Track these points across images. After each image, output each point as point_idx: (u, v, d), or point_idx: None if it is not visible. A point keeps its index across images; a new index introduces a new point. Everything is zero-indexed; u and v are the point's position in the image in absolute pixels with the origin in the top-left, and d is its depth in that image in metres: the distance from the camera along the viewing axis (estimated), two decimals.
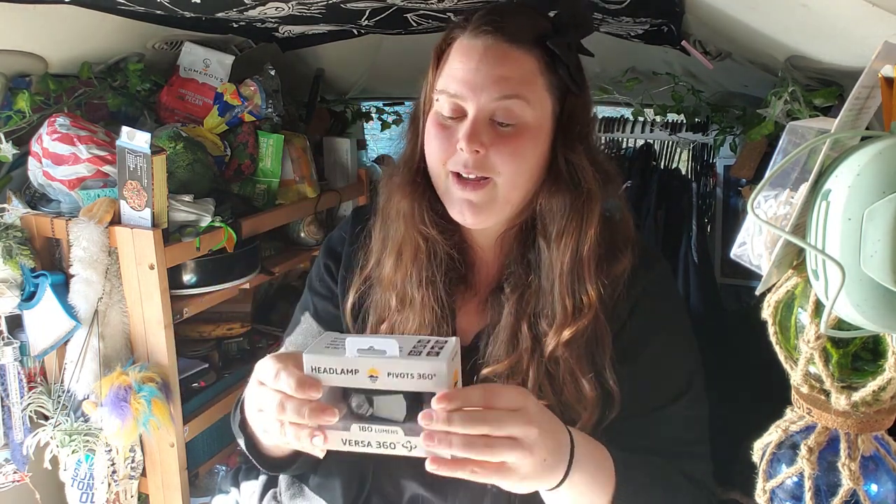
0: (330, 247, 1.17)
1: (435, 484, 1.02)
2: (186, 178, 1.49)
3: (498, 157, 0.93)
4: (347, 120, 2.37)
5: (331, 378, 0.73)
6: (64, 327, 1.38)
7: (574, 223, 0.96)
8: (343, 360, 0.72)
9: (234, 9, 1.31)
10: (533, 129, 0.95)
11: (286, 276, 2.08)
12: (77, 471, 1.43)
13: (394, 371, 0.71)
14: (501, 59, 0.93)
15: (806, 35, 0.98)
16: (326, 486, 1.08)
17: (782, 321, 0.69)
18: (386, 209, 1.06)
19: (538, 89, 0.95)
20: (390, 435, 0.74)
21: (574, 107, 0.98)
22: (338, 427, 0.75)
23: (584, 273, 0.96)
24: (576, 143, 0.97)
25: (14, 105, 1.41)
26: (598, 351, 0.98)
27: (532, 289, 0.99)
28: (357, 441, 0.75)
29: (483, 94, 0.92)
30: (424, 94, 1.02)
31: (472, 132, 0.92)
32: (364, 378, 0.72)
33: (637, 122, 2.13)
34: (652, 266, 1.04)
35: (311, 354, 0.74)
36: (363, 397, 0.75)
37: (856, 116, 0.62)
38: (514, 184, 0.96)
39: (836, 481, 0.67)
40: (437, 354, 0.72)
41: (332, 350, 0.74)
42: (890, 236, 0.54)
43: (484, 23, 0.94)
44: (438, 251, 1.02)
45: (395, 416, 0.75)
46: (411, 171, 1.03)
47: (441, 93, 0.96)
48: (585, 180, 0.96)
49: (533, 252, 1.00)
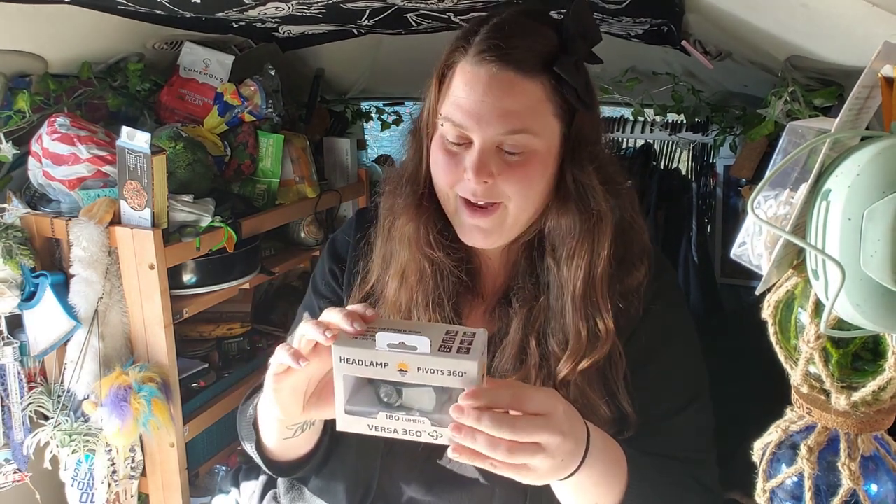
0: (335, 250, 1.16)
1: (439, 490, 1.02)
2: (186, 178, 1.49)
3: (507, 184, 0.92)
4: (347, 120, 2.37)
5: (359, 369, 0.73)
6: (64, 327, 1.38)
7: (586, 245, 0.94)
8: (373, 354, 0.72)
9: (234, 9, 1.31)
10: (541, 155, 0.93)
11: (286, 276, 2.08)
12: (77, 471, 1.43)
13: (424, 367, 0.71)
14: (507, 90, 0.89)
15: (806, 35, 0.98)
16: (328, 489, 1.07)
17: (782, 321, 0.68)
18: (390, 230, 1.04)
19: (546, 116, 0.92)
20: (417, 424, 0.74)
21: (582, 124, 0.96)
22: (364, 413, 0.75)
23: (598, 296, 0.95)
24: (585, 162, 0.95)
25: (14, 105, 1.41)
26: (611, 373, 0.97)
27: (540, 306, 0.97)
28: (383, 427, 0.75)
29: (489, 128, 0.90)
30: (427, 115, 0.99)
31: (480, 164, 0.90)
32: (394, 371, 0.72)
33: (637, 122, 2.13)
34: (660, 275, 1.03)
35: (340, 346, 0.73)
36: (392, 387, 0.75)
37: (856, 116, 0.62)
38: (524, 208, 0.95)
39: (836, 481, 0.67)
40: (468, 351, 0.72)
41: (362, 341, 0.74)
42: (890, 236, 0.54)
43: (487, 48, 0.90)
44: (445, 273, 1.00)
45: (423, 407, 0.75)
46: (416, 194, 1.00)
47: (446, 119, 0.93)
48: (595, 201, 0.94)
49: (542, 269, 0.99)
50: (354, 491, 1.04)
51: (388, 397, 0.75)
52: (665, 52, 1.61)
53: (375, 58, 2.04)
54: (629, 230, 1.01)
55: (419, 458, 1.02)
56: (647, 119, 2.09)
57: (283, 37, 1.82)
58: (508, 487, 0.98)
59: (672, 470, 0.96)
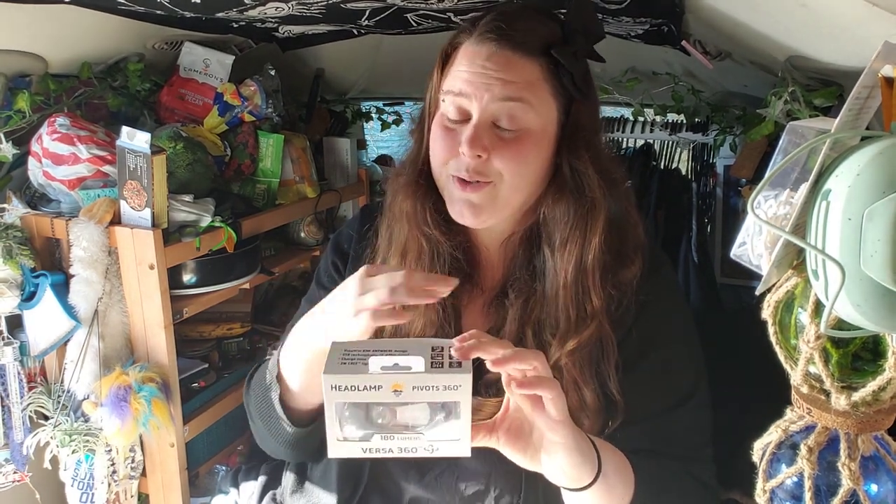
0: (338, 243, 1.18)
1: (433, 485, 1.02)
2: (186, 178, 1.49)
3: (500, 161, 0.93)
4: (347, 120, 2.37)
5: (352, 395, 0.73)
6: (64, 327, 1.38)
7: (578, 232, 0.96)
8: (366, 378, 0.72)
9: (234, 9, 1.31)
10: (536, 134, 0.95)
11: (286, 276, 2.08)
12: (77, 471, 1.43)
13: (419, 385, 0.72)
14: (505, 64, 0.93)
15: (806, 35, 0.98)
16: (325, 478, 1.09)
17: (782, 321, 0.69)
18: (391, 208, 1.06)
19: (542, 94, 0.95)
20: (412, 441, 0.74)
21: (580, 114, 0.98)
22: (357, 438, 0.75)
23: (589, 282, 0.96)
24: (581, 150, 0.97)
25: (14, 105, 1.41)
26: (602, 359, 0.97)
27: (536, 296, 0.99)
28: (377, 449, 0.75)
29: (486, 94, 0.92)
30: (430, 96, 1.02)
31: (474, 136, 0.92)
32: (388, 393, 0.72)
33: (637, 122, 2.13)
34: (657, 270, 1.04)
35: (330, 374, 0.72)
36: (385, 408, 0.75)
37: (856, 116, 0.62)
38: (516, 187, 0.95)
39: (836, 481, 0.67)
40: (459, 365, 0.73)
41: (351, 366, 0.73)
42: (890, 236, 0.54)
43: (489, 29, 0.94)
44: (442, 252, 1.02)
45: (418, 423, 0.75)
46: (415, 172, 1.03)
47: (446, 93, 0.96)
48: (590, 188, 0.96)
49: (539, 259, 1.00)
50: (346, 480, 1.05)
51: (381, 418, 0.75)
52: (665, 52, 1.61)
53: (375, 58, 2.04)
54: (624, 222, 1.02)
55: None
56: (647, 119, 2.09)
57: (283, 37, 1.82)
58: (503, 481, 0.98)
59: (673, 472, 0.96)
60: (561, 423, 0.77)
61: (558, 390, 0.76)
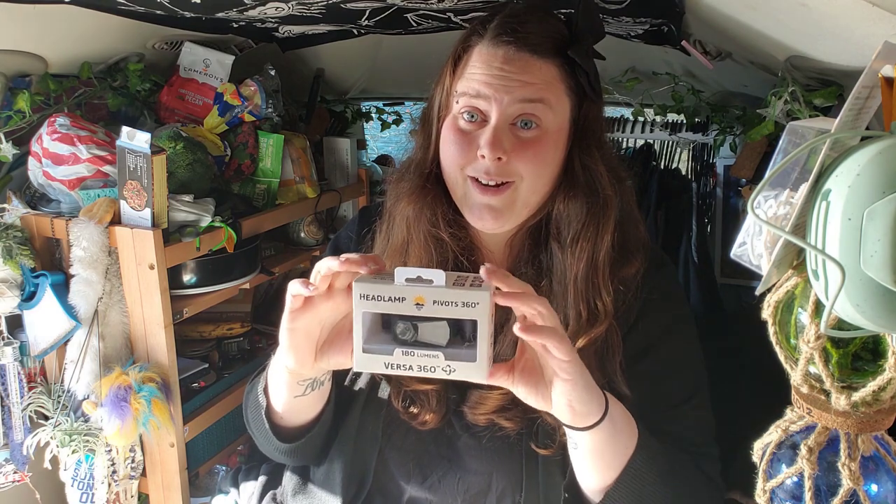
0: (337, 246, 1.18)
1: (436, 486, 1.02)
2: (186, 178, 1.49)
3: (520, 162, 0.93)
4: (347, 120, 2.37)
5: (378, 305, 0.76)
6: (64, 327, 1.38)
7: (591, 229, 0.96)
8: (391, 288, 0.75)
9: (234, 9, 1.31)
10: (553, 134, 0.95)
11: (286, 276, 2.07)
12: (77, 471, 1.43)
13: (440, 299, 0.75)
14: (524, 66, 0.93)
15: (806, 35, 0.98)
16: (328, 480, 1.08)
17: (782, 321, 0.68)
18: (392, 213, 1.06)
19: (559, 94, 0.95)
20: (431, 359, 0.77)
21: (590, 112, 0.99)
22: (381, 351, 0.78)
23: (599, 279, 0.96)
24: (592, 148, 0.98)
25: (14, 105, 1.41)
26: (608, 356, 0.98)
27: (543, 292, 0.98)
28: (398, 364, 0.78)
29: (507, 96, 0.92)
30: (440, 99, 1.01)
31: (495, 139, 0.92)
32: (410, 305, 0.75)
33: (637, 122, 2.13)
34: (659, 268, 1.05)
35: (360, 283, 0.76)
36: (408, 324, 0.79)
37: (856, 116, 0.62)
38: (535, 188, 0.96)
39: (836, 481, 0.67)
40: (480, 286, 0.76)
41: (380, 278, 0.78)
42: (890, 236, 0.54)
43: (504, 31, 0.94)
44: (447, 254, 1.01)
45: (438, 341, 0.78)
46: (422, 177, 1.02)
47: (462, 95, 0.95)
48: (602, 186, 0.97)
49: (545, 255, 1.00)
50: (350, 482, 1.05)
51: (404, 334, 0.79)
52: (665, 52, 1.61)
53: (375, 58, 2.04)
54: (627, 220, 1.03)
55: (416, 451, 1.03)
56: (647, 119, 2.09)
57: (283, 37, 1.82)
58: (504, 479, 0.98)
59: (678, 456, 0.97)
60: (569, 363, 0.78)
61: (559, 336, 0.76)
